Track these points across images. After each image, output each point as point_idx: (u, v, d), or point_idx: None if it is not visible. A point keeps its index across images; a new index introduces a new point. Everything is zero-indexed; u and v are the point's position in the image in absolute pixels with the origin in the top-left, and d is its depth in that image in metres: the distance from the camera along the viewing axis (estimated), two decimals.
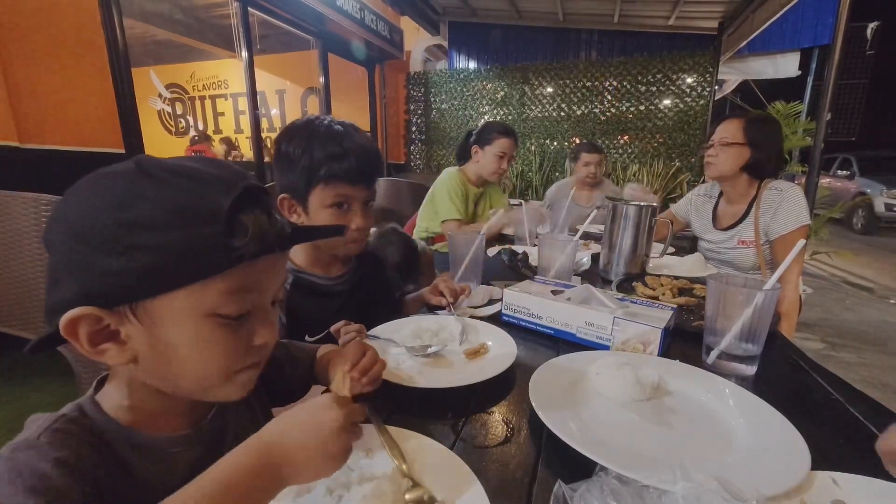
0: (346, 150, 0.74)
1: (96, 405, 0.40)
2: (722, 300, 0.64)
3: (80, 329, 0.34)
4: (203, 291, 0.36)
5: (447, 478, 0.41)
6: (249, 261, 0.36)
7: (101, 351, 0.36)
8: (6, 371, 1.82)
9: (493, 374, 0.60)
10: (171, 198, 0.34)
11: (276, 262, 0.41)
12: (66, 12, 2.14)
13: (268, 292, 0.41)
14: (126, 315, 0.35)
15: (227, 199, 0.35)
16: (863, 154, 8.03)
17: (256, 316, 0.40)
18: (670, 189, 4.44)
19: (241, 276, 0.37)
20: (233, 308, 0.37)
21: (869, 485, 0.40)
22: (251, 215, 0.36)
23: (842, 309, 3.29)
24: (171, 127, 6.26)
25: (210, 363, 0.39)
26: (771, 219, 1.33)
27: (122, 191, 0.34)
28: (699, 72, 4.43)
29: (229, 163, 0.41)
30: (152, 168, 0.35)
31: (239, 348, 0.39)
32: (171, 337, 0.37)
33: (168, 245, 0.33)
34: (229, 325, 0.38)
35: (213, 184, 0.36)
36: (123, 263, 0.33)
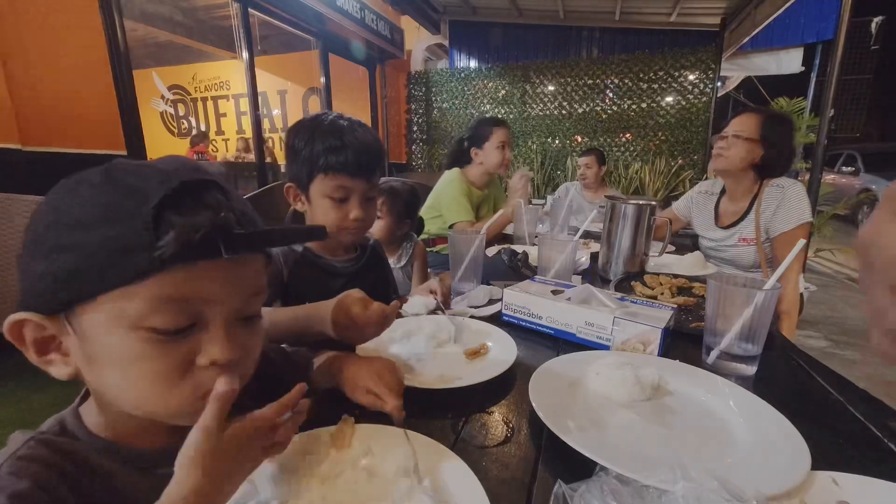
0: (344, 143, 0.77)
1: (78, 419, 0.38)
2: (722, 300, 0.64)
3: (25, 334, 0.33)
4: (128, 299, 0.31)
5: (447, 478, 0.42)
6: (181, 265, 0.31)
7: (48, 361, 0.34)
8: (9, 372, 1.83)
9: (493, 375, 0.60)
10: (101, 195, 0.31)
11: (229, 270, 0.35)
12: (67, 14, 2.15)
13: (218, 304, 0.35)
14: (63, 323, 0.33)
15: (158, 191, 0.31)
16: (868, 150, 7.96)
17: (202, 331, 0.35)
18: (672, 187, 4.42)
19: (173, 283, 0.32)
20: (165, 320, 0.32)
21: (869, 485, 0.40)
22: (186, 215, 0.32)
23: (846, 306, 3.27)
24: (174, 128, 6.29)
25: (144, 384, 0.34)
26: (772, 216, 1.32)
27: (63, 194, 0.32)
28: (701, 69, 4.41)
29: (196, 162, 0.37)
30: (118, 169, 0.33)
31: (175, 369, 0.34)
32: (102, 351, 0.33)
33: (87, 245, 0.30)
34: (163, 341, 0.33)
35: (152, 178, 0.32)
36: (46, 265, 0.31)
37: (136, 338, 0.32)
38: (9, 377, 1.82)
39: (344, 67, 4.84)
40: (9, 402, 1.70)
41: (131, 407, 0.36)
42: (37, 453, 0.34)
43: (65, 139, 2.17)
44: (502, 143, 1.76)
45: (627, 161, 4.72)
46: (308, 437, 0.47)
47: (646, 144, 4.70)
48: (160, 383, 0.34)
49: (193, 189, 0.33)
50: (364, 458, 0.45)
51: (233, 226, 0.33)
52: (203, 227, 0.31)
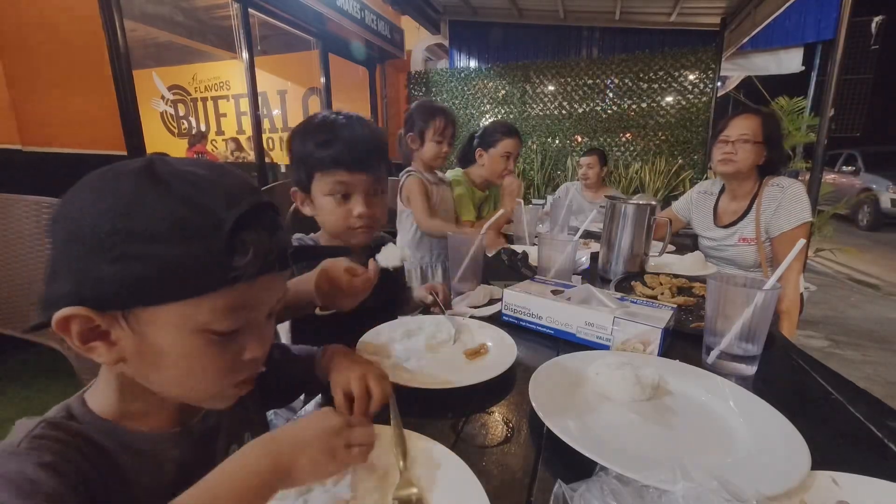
0: (336, 137, 0.75)
1: (83, 404, 0.40)
2: (722, 300, 0.64)
3: (72, 326, 0.34)
4: (196, 307, 0.35)
5: (447, 478, 0.42)
6: (247, 280, 0.35)
7: (91, 348, 0.36)
8: (10, 372, 1.84)
9: (493, 375, 0.60)
10: (172, 209, 0.33)
11: (274, 279, 0.39)
12: (67, 15, 2.15)
13: (263, 308, 0.40)
14: (117, 319, 0.35)
15: (230, 215, 0.34)
16: (868, 150, 7.96)
17: (249, 331, 0.39)
18: (672, 187, 4.42)
19: (237, 294, 0.36)
20: (225, 325, 0.37)
21: (869, 485, 0.40)
22: (254, 234, 0.35)
23: (846, 306, 3.27)
24: (174, 128, 6.29)
25: (197, 377, 0.38)
26: (772, 215, 1.33)
27: (125, 196, 0.33)
28: (701, 68, 4.41)
29: (239, 173, 0.39)
30: (163, 172, 0.34)
31: (228, 364, 0.39)
32: (160, 347, 0.36)
33: (164, 258, 0.33)
34: (220, 341, 0.37)
35: (218, 197, 0.35)
36: (117, 271, 0.32)
37: (197, 339, 0.36)
38: (9, 377, 1.82)
39: (344, 67, 4.84)
40: (9, 403, 1.70)
41: (177, 393, 0.40)
42: (50, 433, 0.35)
43: (65, 139, 2.17)
44: (508, 154, 1.73)
45: (627, 161, 4.71)
46: None
47: (646, 144, 4.69)
48: (213, 376, 0.39)
49: (258, 209, 0.36)
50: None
51: (287, 245, 0.39)
52: (273, 249, 0.36)
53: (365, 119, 0.82)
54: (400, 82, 5.56)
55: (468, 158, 1.85)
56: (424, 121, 1.53)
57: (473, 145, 1.81)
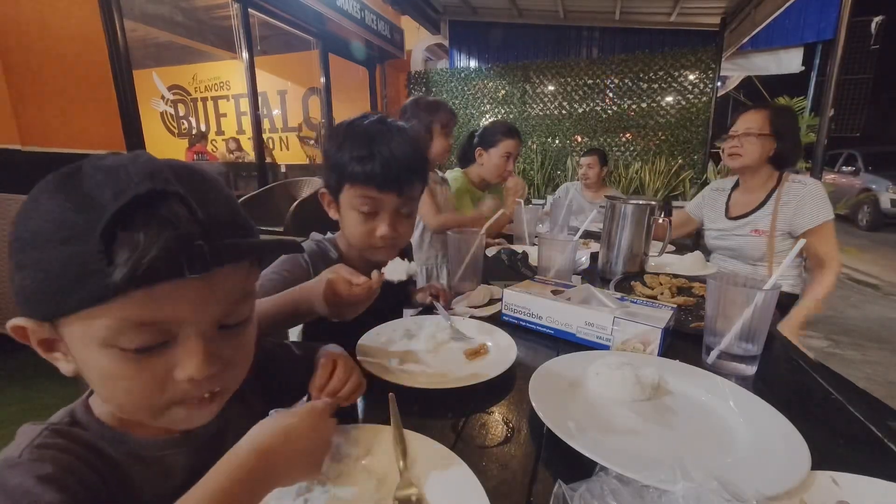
0: (372, 154, 0.72)
1: (88, 409, 0.39)
2: (722, 300, 0.64)
3: (30, 336, 0.34)
4: (92, 320, 0.30)
5: (447, 478, 0.42)
6: (140, 287, 0.29)
7: (54, 358, 0.35)
8: (11, 372, 1.84)
9: (493, 375, 0.60)
10: (59, 209, 0.29)
11: (200, 287, 0.32)
12: (67, 15, 2.15)
13: (190, 323, 0.33)
14: (53, 330, 0.33)
15: (110, 207, 0.28)
16: (868, 150, 7.96)
17: (177, 347, 0.34)
18: (672, 187, 4.42)
19: (134, 306, 0.30)
20: (130, 341, 0.31)
21: (869, 485, 0.40)
22: (139, 231, 0.28)
23: (846, 306, 3.27)
24: (174, 128, 6.29)
25: (123, 395, 0.34)
26: (795, 212, 1.34)
27: (29, 199, 0.31)
28: (701, 68, 4.41)
29: (170, 159, 0.34)
30: (87, 165, 0.31)
31: (150, 384, 0.34)
32: (82, 362, 0.34)
33: (45, 265, 0.29)
34: (136, 359, 0.32)
35: (109, 186, 0.29)
36: (17, 280, 0.31)
37: (108, 355, 0.32)
38: (9, 377, 1.82)
39: (344, 67, 4.84)
40: (9, 403, 1.70)
41: (115, 410, 0.38)
42: (53, 442, 0.34)
43: (65, 139, 2.17)
44: (508, 154, 1.72)
45: (627, 161, 4.71)
46: None
47: (646, 144, 4.69)
48: (138, 396, 0.34)
49: (148, 202, 0.29)
50: (364, 458, 0.45)
51: (194, 242, 0.30)
52: (155, 249, 0.28)
53: (410, 132, 0.77)
54: (400, 82, 5.56)
55: (467, 158, 1.85)
56: (430, 115, 1.51)
57: (473, 144, 1.81)
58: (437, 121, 1.50)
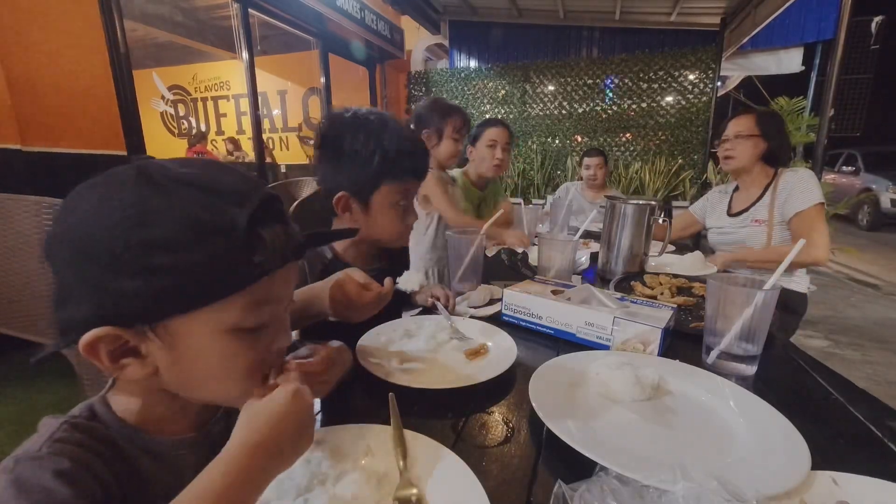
0: (417, 147, 0.75)
1: (107, 406, 0.40)
2: (722, 300, 0.64)
3: (101, 348, 0.34)
4: (224, 309, 0.35)
5: (447, 478, 0.42)
6: (268, 273, 0.36)
7: (122, 366, 0.35)
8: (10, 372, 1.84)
9: (494, 375, 0.60)
10: (185, 213, 0.32)
11: (290, 271, 0.40)
12: (67, 15, 2.15)
13: (284, 300, 0.41)
14: (145, 333, 0.35)
15: (243, 212, 0.34)
16: (868, 149, 7.96)
17: (273, 323, 0.40)
18: (672, 186, 4.42)
19: (260, 289, 0.36)
20: (253, 321, 0.37)
21: (869, 485, 0.40)
22: (269, 228, 0.35)
23: (846, 306, 3.27)
24: (174, 128, 6.29)
25: (233, 374, 0.39)
26: (786, 199, 1.39)
27: (132, 205, 0.32)
28: (701, 68, 4.41)
29: (237, 169, 0.39)
30: (159, 177, 0.33)
31: (259, 357, 0.39)
32: (193, 353, 0.36)
33: (187, 265, 0.32)
34: (250, 337, 0.38)
35: (227, 195, 0.34)
36: (139, 285, 0.32)
37: (229, 338, 0.37)
38: (9, 377, 1.82)
39: (344, 67, 4.85)
40: (9, 403, 1.70)
41: (210, 396, 0.41)
42: (72, 436, 0.35)
43: (65, 140, 2.17)
44: (493, 142, 1.68)
45: (627, 161, 4.71)
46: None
47: (646, 144, 4.70)
48: (248, 371, 0.39)
49: (268, 204, 0.36)
50: (364, 458, 0.45)
51: (297, 233, 0.39)
52: (286, 240, 0.37)
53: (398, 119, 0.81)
54: (400, 82, 5.56)
55: (465, 159, 1.86)
56: (441, 118, 1.51)
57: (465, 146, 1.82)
58: (449, 124, 1.51)
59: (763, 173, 1.48)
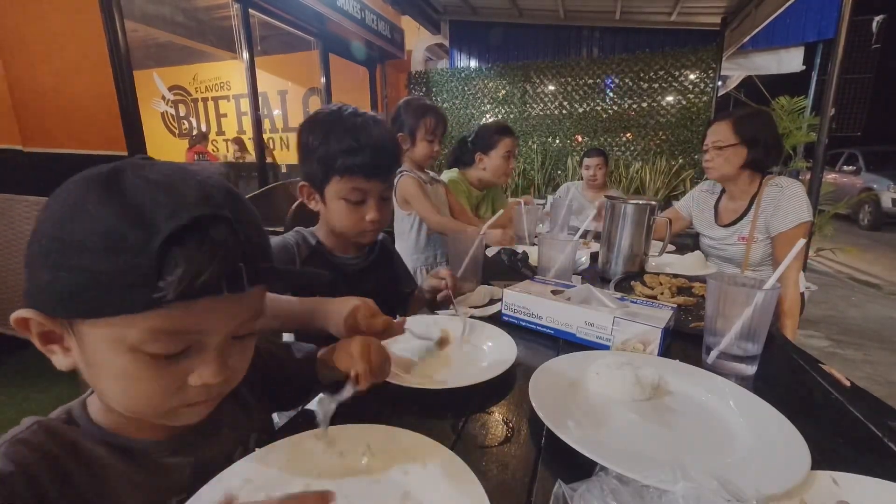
0: (361, 146, 0.75)
1: (84, 408, 0.40)
2: (722, 300, 0.64)
3: (31, 327, 0.35)
4: (126, 326, 0.33)
5: (447, 478, 0.42)
6: (180, 301, 0.31)
7: (49, 350, 0.36)
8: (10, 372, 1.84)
9: (494, 374, 0.60)
10: (108, 220, 0.31)
11: (229, 302, 0.35)
12: (67, 15, 2.15)
13: (214, 333, 0.36)
14: (65, 327, 0.35)
15: (165, 227, 0.31)
16: (869, 149, 7.95)
17: (196, 355, 0.36)
18: (673, 186, 4.41)
19: (171, 316, 0.33)
20: (158, 348, 0.34)
21: (869, 485, 0.40)
22: (190, 251, 0.31)
23: (847, 306, 3.27)
24: (175, 129, 6.29)
25: (136, 396, 0.36)
26: (771, 215, 1.33)
27: (70, 204, 0.32)
28: (702, 68, 4.40)
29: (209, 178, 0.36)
30: (127, 179, 0.33)
31: (168, 388, 0.36)
32: (98, 362, 0.35)
33: (90, 271, 0.31)
34: (157, 364, 0.35)
35: (164, 207, 0.31)
36: (50, 279, 0.32)
37: (131, 358, 0.34)
38: (8, 377, 1.82)
39: (344, 67, 4.84)
40: (9, 403, 1.70)
41: (121, 409, 0.38)
42: (33, 438, 0.35)
43: (66, 140, 2.17)
44: (508, 153, 1.73)
45: (628, 161, 4.70)
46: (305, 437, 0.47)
47: (646, 144, 4.69)
48: (153, 397, 0.36)
49: (201, 225, 0.32)
50: (364, 457, 0.45)
51: (238, 264, 0.33)
52: (206, 270, 0.31)
53: (382, 121, 0.82)
54: (400, 82, 5.56)
55: (463, 160, 1.83)
56: (415, 119, 1.50)
57: (469, 148, 1.80)
58: (422, 126, 1.49)
59: (750, 181, 1.41)
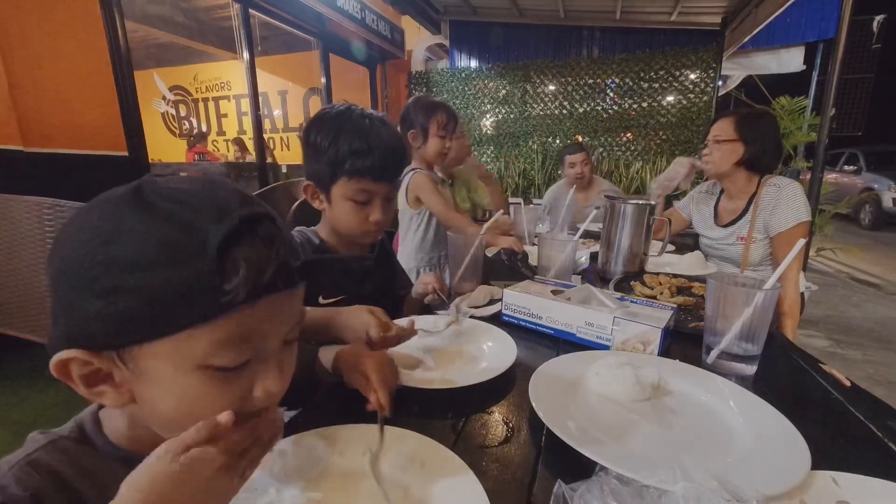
0: (371, 148, 0.75)
1: (97, 426, 0.38)
2: (722, 300, 0.64)
3: (72, 370, 0.32)
4: (192, 340, 0.31)
5: (447, 478, 0.42)
6: (246, 305, 0.31)
7: (98, 393, 0.33)
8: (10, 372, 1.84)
9: (494, 374, 0.60)
10: (154, 231, 0.29)
11: (281, 300, 0.34)
12: (68, 16, 2.15)
13: (273, 337, 0.35)
14: (114, 360, 0.32)
15: (218, 230, 0.30)
16: (870, 149, 7.94)
17: (259, 364, 0.35)
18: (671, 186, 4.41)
19: (237, 322, 0.31)
20: (228, 359, 0.32)
21: (869, 485, 0.40)
22: (246, 250, 0.30)
23: (848, 306, 3.26)
24: (175, 129, 6.30)
25: (199, 418, 0.33)
26: (770, 215, 1.33)
27: (109, 223, 0.30)
28: (702, 68, 4.40)
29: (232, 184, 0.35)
30: (152, 193, 0.31)
31: (236, 402, 0.34)
32: (159, 388, 0.33)
33: (149, 287, 0.29)
34: (224, 378, 0.33)
35: (205, 212, 0.30)
36: (102, 306, 0.29)
37: (197, 377, 0.32)
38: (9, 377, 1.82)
39: (344, 67, 4.85)
40: (9, 403, 1.70)
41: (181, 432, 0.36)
42: (48, 460, 0.34)
43: (66, 140, 2.17)
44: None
45: (628, 161, 4.70)
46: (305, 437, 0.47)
47: (647, 144, 4.69)
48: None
49: (250, 224, 0.32)
50: (364, 457, 0.45)
51: (289, 259, 0.33)
52: (268, 266, 0.31)
53: (389, 122, 0.81)
54: (401, 82, 5.56)
55: None
56: (426, 116, 1.48)
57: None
58: (434, 122, 1.47)
59: (748, 181, 1.40)
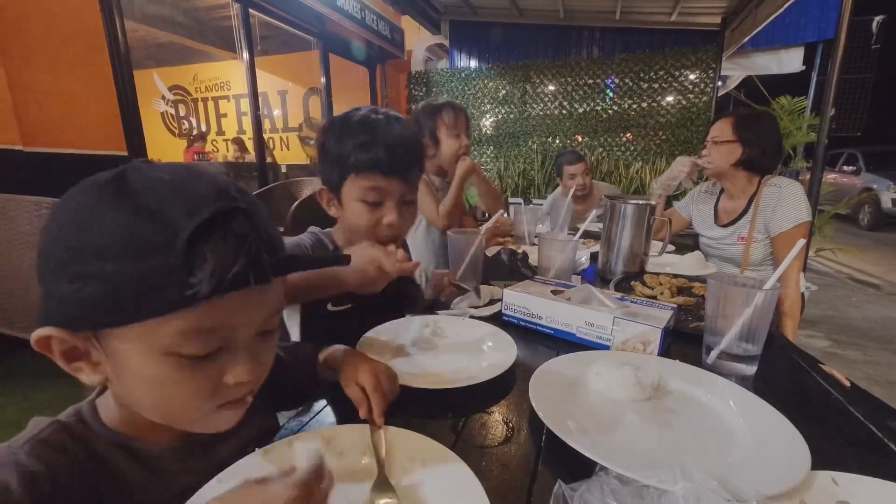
0: (376, 139, 0.71)
1: (94, 412, 0.39)
2: (722, 300, 0.64)
3: (53, 346, 0.34)
4: (158, 329, 0.32)
5: (447, 478, 0.42)
6: (213, 298, 0.31)
7: (76, 368, 0.35)
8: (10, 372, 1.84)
9: (494, 374, 0.60)
10: (125, 222, 0.30)
11: (254, 297, 0.35)
12: (68, 16, 2.15)
13: (244, 328, 0.36)
14: (90, 340, 0.34)
15: (188, 224, 0.30)
16: (869, 149, 7.95)
17: (229, 353, 0.36)
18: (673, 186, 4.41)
19: (203, 314, 0.32)
20: (193, 348, 0.33)
21: (869, 485, 0.40)
22: (217, 245, 0.31)
23: (847, 306, 3.27)
24: (175, 129, 6.29)
25: (171, 402, 0.36)
26: (770, 215, 1.33)
27: (81, 211, 0.31)
28: (702, 68, 4.40)
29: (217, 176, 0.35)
30: (132, 182, 0.32)
31: (205, 389, 0.36)
32: (130, 371, 0.34)
33: (116, 276, 0.30)
34: (191, 365, 0.34)
35: (179, 205, 0.31)
36: (74, 290, 0.31)
37: (165, 362, 0.33)
38: (9, 377, 1.82)
39: (344, 67, 4.85)
40: (9, 403, 1.70)
41: (156, 417, 0.38)
42: (56, 438, 0.35)
43: (66, 140, 2.17)
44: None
45: (628, 161, 4.70)
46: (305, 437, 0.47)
47: (646, 144, 4.69)
48: (188, 401, 0.36)
49: (222, 219, 0.32)
50: (364, 457, 0.45)
51: (262, 255, 0.33)
52: (236, 262, 0.31)
53: (403, 120, 0.78)
54: (400, 82, 5.56)
55: None
56: (432, 120, 1.44)
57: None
58: (441, 122, 1.43)
59: (748, 182, 1.41)
